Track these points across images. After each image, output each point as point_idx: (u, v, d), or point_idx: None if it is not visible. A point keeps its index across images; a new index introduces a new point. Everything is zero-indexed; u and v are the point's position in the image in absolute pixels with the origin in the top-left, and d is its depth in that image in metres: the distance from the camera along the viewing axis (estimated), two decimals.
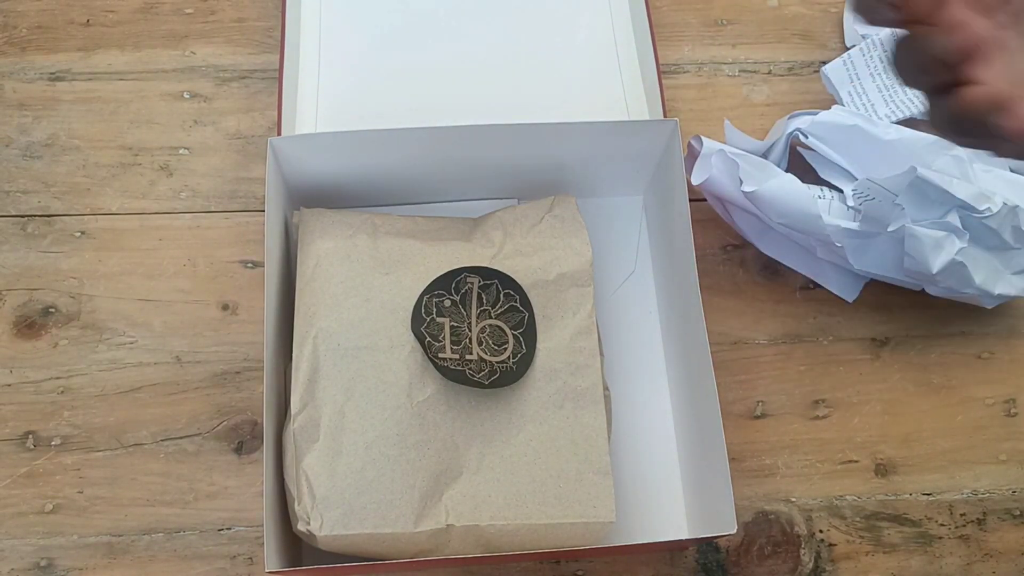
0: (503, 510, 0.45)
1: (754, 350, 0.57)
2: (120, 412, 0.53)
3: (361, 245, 0.49)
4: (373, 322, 0.46)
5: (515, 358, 0.46)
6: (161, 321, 0.56)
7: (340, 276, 0.48)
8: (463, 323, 0.46)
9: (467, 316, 0.46)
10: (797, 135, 0.56)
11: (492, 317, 0.47)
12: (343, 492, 0.44)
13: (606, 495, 0.45)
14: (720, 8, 0.66)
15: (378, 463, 0.44)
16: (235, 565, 0.51)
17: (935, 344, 0.58)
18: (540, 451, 0.46)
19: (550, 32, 0.63)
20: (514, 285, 0.48)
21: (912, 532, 0.54)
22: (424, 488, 0.44)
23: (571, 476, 0.45)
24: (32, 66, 0.62)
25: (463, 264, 0.48)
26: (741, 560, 0.52)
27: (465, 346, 0.46)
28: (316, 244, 0.49)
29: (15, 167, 0.59)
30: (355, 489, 0.44)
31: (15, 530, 0.51)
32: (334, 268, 0.48)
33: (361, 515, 0.43)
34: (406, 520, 0.44)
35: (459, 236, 0.50)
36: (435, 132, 0.51)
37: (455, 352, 0.46)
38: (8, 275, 0.56)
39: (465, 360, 0.45)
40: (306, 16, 0.62)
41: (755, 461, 0.55)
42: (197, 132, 0.61)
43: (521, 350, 0.47)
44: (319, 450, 0.44)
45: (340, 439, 0.44)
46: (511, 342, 0.47)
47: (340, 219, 0.50)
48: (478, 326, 0.46)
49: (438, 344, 0.45)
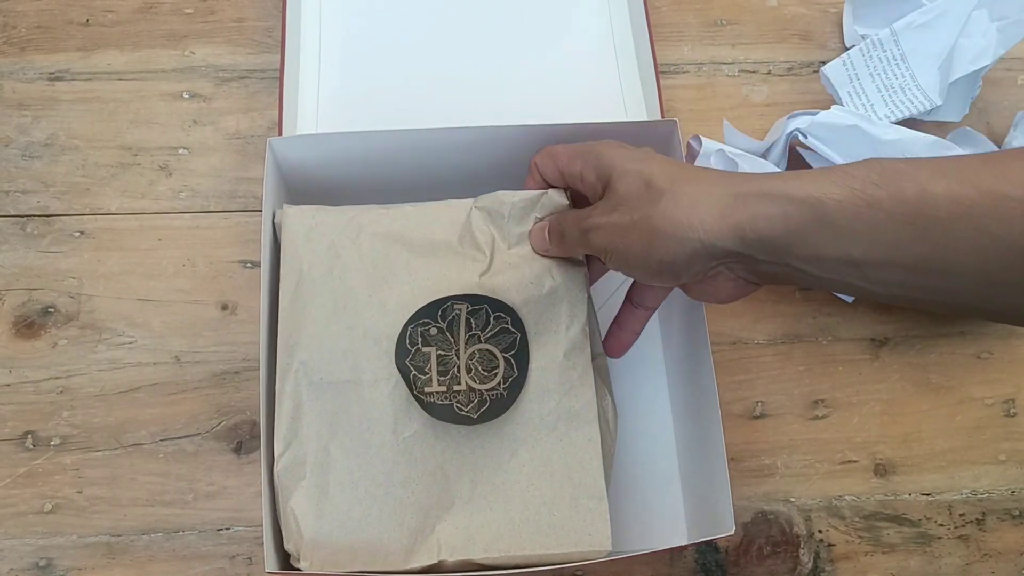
0: (496, 542, 0.43)
1: (753, 350, 0.57)
2: (119, 412, 0.53)
3: (345, 256, 0.46)
4: (356, 354, 0.45)
5: (506, 383, 0.44)
6: (160, 321, 0.56)
7: (322, 297, 0.45)
8: (451, 351, 0.44)
9: (455, 343, 0.44)
10: (796, 135, 0.56)
11: (482, 341, 0.45)
12: (331, 533, 0.43)
13: (601, 522, 0.44)
14: (719, 8, 0.66)
15: (364, 503, 0.43)
16: (234, 565, 0.51)
17: (934, 344, 0.58)
18: (533, 477, 0.44)
19: (549, 33, 0.63)
20: (505, 308, 0.45)
21: (911, 532, 0.54)
22: (414, 524, 0.43)
23: (565, 502, 0.44)
24: (32, 66, 0.62)
25: (451, 279, 0.46)
26: (740, 560, 0.52)
27: (453, 375, 0.44)
28: (298, 254, 0.46)
29: (15, 167, 0.59)
30: (343, 529, 0.43)
31: (14, 530, 0.51)
32: (316, 287, 0.46)
33: (350, 554, 0.43)
34: (396, 558, 0.43)
35: (449, 234, 0.47)
36: (435, 133, 0.51)
37: (442, 384, 0.44)
38: (8, 275, 0.56)
39: (453, 392, 0.44)
40: (306, 16, 0.62)
41: (754, 461, 0.55)
42: (197, 132, 0.61)
43: (512, 373, 0.45)
44: (305, 489, 0.43)
45: (326, 478, 0.44)
46: (502, 366, 0.45)
47: (323, 220, 0.47)
48: (467, 352, 0.44)
49: (424, 377, 0.44)
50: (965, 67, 0.58)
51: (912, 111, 0.59)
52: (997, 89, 0.64)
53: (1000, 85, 0.65)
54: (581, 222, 0.43)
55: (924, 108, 0.58)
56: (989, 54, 0.58)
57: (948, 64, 0.58)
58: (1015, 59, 0.65)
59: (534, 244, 0.47)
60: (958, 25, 0.58)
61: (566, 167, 0.45)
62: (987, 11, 0.58)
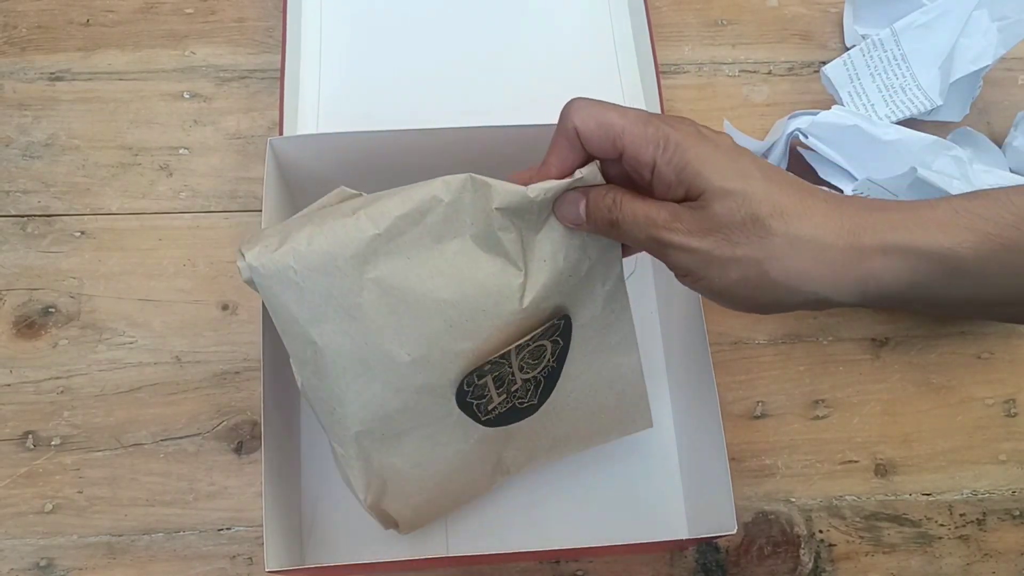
0: (551, 451, 0.49)
1: (754, 350, 0.57)
2: (120, 412, 0.53)
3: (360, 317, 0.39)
4: (411, 410, 0.42)
5: (554, 357, 0.44)
6: (161, 321, 0.56)
7: (354, 369, 0.40)
8: (504, 367, 0.42)
9: (508, 364, 0.42)
10: (797, 135, 0.56)
11: (530, 344, 0.43)
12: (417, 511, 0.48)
13: (644, 409, 0.50)
14: (720, 8, 0.66)
15: (447, 487, 0.47)
16: (235, 565, 0.51)
17: (935, 344, 0.58)
18: (581, 399, 0.47)
19: (550, 33, 0.63)
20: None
21: (912, 532, 0.54)
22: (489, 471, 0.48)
23: (611, 407, 0.49)
24: (32, 66, 0.62)
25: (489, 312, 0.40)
26: (741, 560, 0.52)
27: (509, 382, 0.43)
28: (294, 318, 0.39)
29: (15, 167, 0.59)
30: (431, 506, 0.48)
31: (15, 530, 0.51)
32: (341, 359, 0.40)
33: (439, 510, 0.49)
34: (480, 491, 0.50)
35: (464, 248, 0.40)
36: (435, 133, 0.51)
37: (500, 394, 0.43)
38: (8, 275, 0.56)
39: (512, 394, 0.44)
40: (307, 16, 0.62)
41: (755, 461, 0.55)
42: (197, 132, 0.61)
43: (559, 345, 0.44)
44: (390, 497, 0.46)
45: (409, 490, 0.46)
46: (549, 347, 0.44)
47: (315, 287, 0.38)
48: (518, 359, 0.43)
49: (484, 401, 0.43)
50: (966, 67, 0.58)
51: (913, 111, 0.59)
52: (997, 89, 0.64)
53: (1000, 85, 0.65)
54: (654, 228, 0.37)
55: (924, 108, 0.58)
56: (989, 54, 0.58)
57: (948, 64, 0.58)
58: (1015, 59, 0.65)
59: (562, 216, 0.40)
60: (959, 25, 0.58)
61: (631, 149, 0.37)
62: (987, 11, 0.58)
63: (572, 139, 0.38)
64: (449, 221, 0.39)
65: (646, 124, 0.37)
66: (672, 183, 0.37)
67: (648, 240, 0.38)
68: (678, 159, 0.36)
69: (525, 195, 0.39)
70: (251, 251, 0.38)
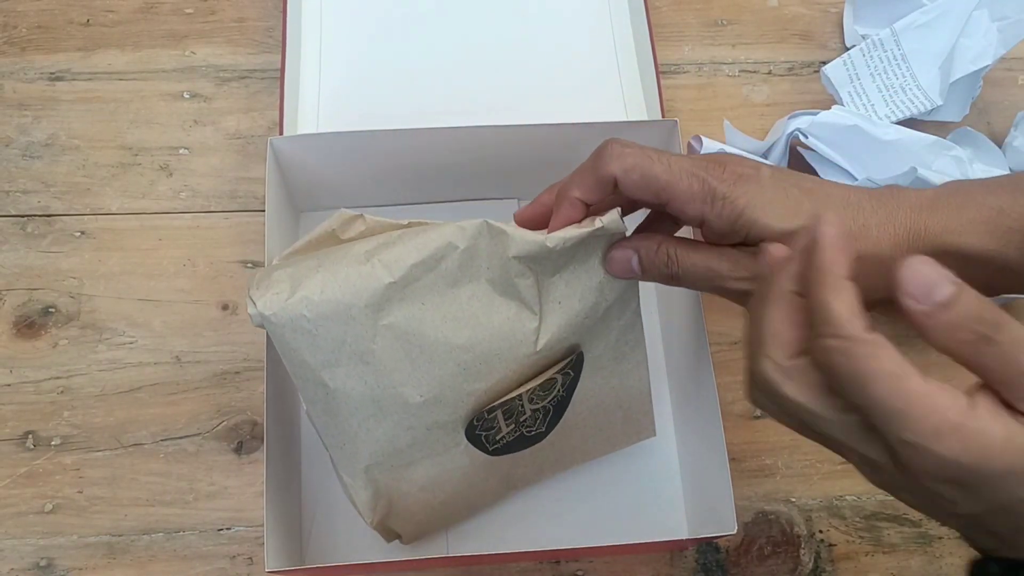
0: (557, 465, 0.50)
1: None
2: (120, 412, 0.53)
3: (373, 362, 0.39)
4: (422, 444, 0.43)
5: (564, 387, 0.44)
6: (161, 321, 0.56)
7: (366, 410, 0.40)
8: (514, 401, 0.42)
9: (520, 398, 0.42)
10: (797, 135, 0.56)
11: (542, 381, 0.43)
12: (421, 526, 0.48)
13: (648, 421, 0.50)
14: (720, 8, 0.66)
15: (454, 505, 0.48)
16: (235, 565, 0.51)
17: None
18: (588, 419, 0.48)
19: (549, 32, 0.63)
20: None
21: (912, 532, 0.54)
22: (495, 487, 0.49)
23: (618, 422, 0.49)
24: (32, 66, 0.62)
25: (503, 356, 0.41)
26: (741, 560, 0.52)
27: (518, 413, 0.43)
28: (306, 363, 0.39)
29: (15, 167, 0.59)
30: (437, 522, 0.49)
31: (15, 530, 0.51)
32: (352, 400, 0.40)
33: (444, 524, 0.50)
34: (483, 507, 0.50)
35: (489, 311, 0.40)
36: (435, 132, 0.51)
37: (509, 424, 0.43)
38: (8, 275, 0.56)
39: (520, 424, 0.44)
40: (307, 16, 0.62)
41: (755, 461, 0.55)
42: (197, 132, 0.61)
43: (569, 376, 0.44)
44: (395, 515, 0.46)
45: (414, 510, 0.46)
46: (559, 379, 0.43)
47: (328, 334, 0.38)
48: (528, 393, 0.42)
49: (492, 432, 0.43)
50: (965, 67, 0.58)
51: (913, 111, 0.59)
52: (997, 89, 0.64)
53: (1000, 85, 0.65)
54: (718, 279, 0.38)
55: (925, 108, 0.58)
56: (989, 54, 0.58)
57: (948, 64, 0.58)
58: (1015, 59, 0.65)
59: (614, 272, 0.40)
60: (959, 25, 0.58)
61: (676, 204, 0.37)
62: (987, 11, 0.58)
63: (605, 183, 0.38)
64: (464, 267, 0.39)
65: (691, 179, 0.37)
66: (726, 232, 0.37)
67: (713, 290, 0.39)
68: (728, 211, 0.37)
69: (544, 244, 0.39)
70: (262, 299, 0.38)
